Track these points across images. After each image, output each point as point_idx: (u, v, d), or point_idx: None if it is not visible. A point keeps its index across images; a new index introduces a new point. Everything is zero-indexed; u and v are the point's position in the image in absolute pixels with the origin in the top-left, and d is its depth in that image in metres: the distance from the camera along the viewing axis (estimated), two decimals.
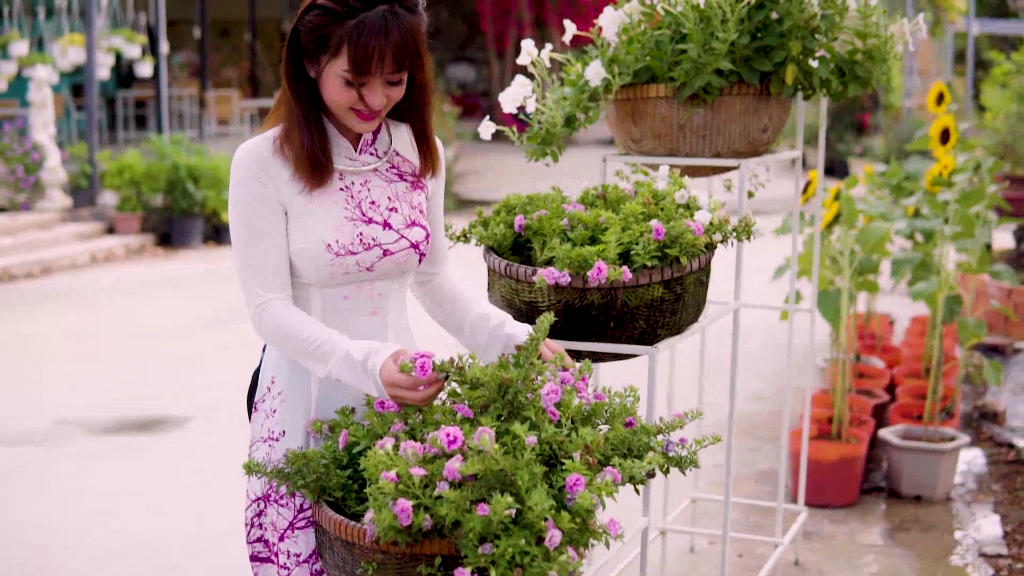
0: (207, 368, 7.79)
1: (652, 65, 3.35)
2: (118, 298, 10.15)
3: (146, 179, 12.83)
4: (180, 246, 12.90)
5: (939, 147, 5.97)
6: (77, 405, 6.87)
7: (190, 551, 4.76)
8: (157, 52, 15.51)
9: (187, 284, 10.80)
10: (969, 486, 5.51)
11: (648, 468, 2.19)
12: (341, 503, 2.30)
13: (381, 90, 2.37)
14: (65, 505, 5.28)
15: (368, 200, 2.48)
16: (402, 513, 1.99)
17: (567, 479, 2.08)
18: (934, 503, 5.28)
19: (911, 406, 5.86)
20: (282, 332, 2.43)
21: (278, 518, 2.52)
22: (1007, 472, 5.69)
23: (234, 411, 6.63)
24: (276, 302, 2.44)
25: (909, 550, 4.75)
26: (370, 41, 2.30)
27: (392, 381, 2.30)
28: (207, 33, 19.08)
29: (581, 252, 2.69)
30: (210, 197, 12.91)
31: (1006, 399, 6.78)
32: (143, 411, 6.74)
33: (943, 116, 5.98)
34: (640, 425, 2.30)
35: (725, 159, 3.44)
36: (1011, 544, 4.76)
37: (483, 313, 2.62)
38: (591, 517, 2.10)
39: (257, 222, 2.43)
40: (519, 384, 2.23)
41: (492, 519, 1.97)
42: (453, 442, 2.07)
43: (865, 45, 3.48)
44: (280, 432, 2.53)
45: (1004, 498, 5.33)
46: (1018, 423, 6.37)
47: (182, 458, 5.98)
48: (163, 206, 13.02)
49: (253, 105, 20.10)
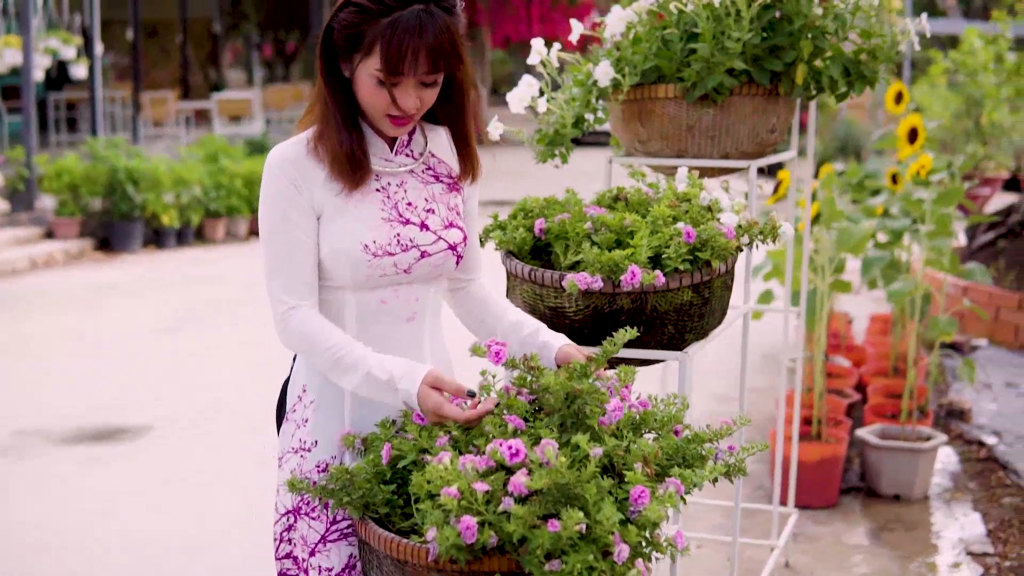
0: (163, 376, 7.63)
1: (660, 65, 3.29)
2: (62, 304, 9.92)
3: (85, 182, 12.58)
4: (120, 250, 12.65)
5: (907, 146, 6.00)
6: (35, 415, 6.69)
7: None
8: (92, 53, 15.24)
9: (131, 290, 10.59)
10: (945, 484, 5.52)
11: (711, 478, 2.13)
12: (386, 519, 2.22)
13: (414, 92, 2.29)
14: (54, 509, 5.13)
15: (405, 201, 2.41)
16: (467, 531, 1.92)
17: (632, 492, 2.02)
18: (913, 502, 5.28)
19: (884, 405, 5.87)
20: (307, 339, 2.37)
21: (309, 532, 2.44)
22: (981, 470, 5.71)
23: (193, 419, 6.52)
24: (302, 308, 2.38)
25: (896, 550, 4.75)
26: (403, 40, 2.22)
27: (439, 412, 2.25)
28: (140, 34, 18.77)
29: (612, 256, 2.63)
30: (150, 200, 12.68)
31: (970, 396, 6.82)
32: (105, 420, 6.57)
33: (910, 115, 6.01)
34: (693, 433, 2.25)
35: (733, 160, 3.40)
36: (996, 542, 4.78)
37: (516, 321, 2.54)
38: (655, 530, 2.04)
39: (287, 226, 2.36)
40: (587, 396, 2.17)
41: (562, 535, 1.91)
42: (516, 455, 2.00)
43: (869, 44, 3.45)
44: (312, 442, 2.45)
45: (982, 496, 5.35)
46: (985, 420, 6.41)
47: (147, 467, 5.83)
48: (102, 210, 12.76)
49: (189, 107, 19.81)
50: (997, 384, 7.09)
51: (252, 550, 4.59)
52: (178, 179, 12.99)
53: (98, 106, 15.21)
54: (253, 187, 13.82)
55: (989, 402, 6.74)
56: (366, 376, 2.31)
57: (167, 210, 12.85)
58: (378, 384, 2.31)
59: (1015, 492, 5.33)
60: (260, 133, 16.88)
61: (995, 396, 6.85)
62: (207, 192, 13.37)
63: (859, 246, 5.40)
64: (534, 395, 2.28)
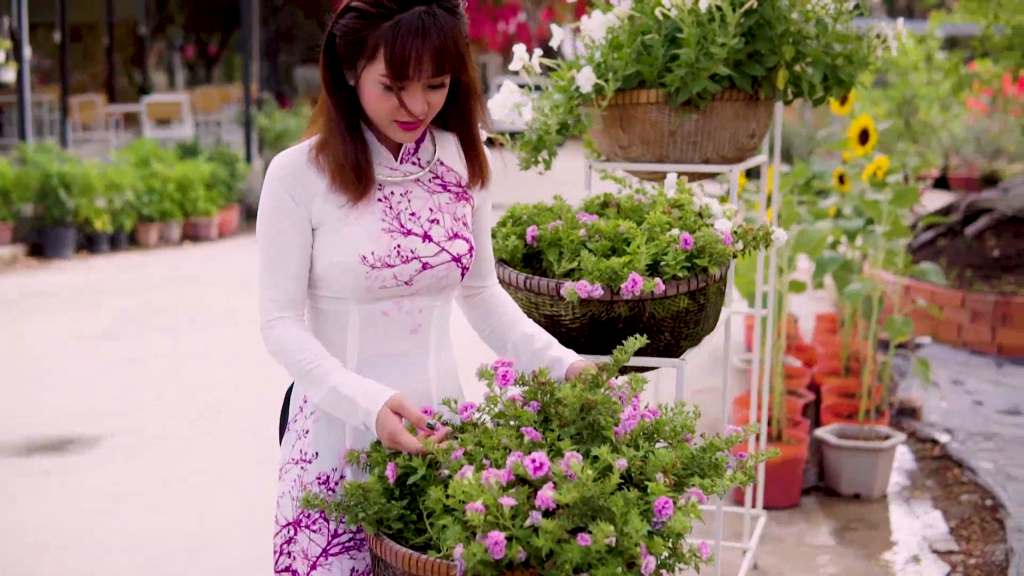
0: (112, 385, 7.50)
1: (642, 70, 3.28)
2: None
3: (16, 188, 12.34)
4: (53, 256, 12.43)
5: (858, 147, 6.05)
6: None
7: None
8: (20, 57, 14.96)
9: (69, 297, 10.39)
10: (903, 483, 5.58)
11: (731, 486, 2.12)
12: (399, 535, 2.18)
13: (422, 95, 2.25)
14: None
15: (408, 211, 2.37)
16: (495, 546, 1.89)
17: (655, 503, 2.01)
18: (873, 501, 5.33)
19: (840, 405, 5.92)
20: (283, 350, 2.35)
21: (310, 545, 2.40)
22: (936, 468, 5.78)
23: (140, 428, 6.42)
24: (284, 321, 2.36)
25: (861, 549, 4.78)
26: (407, 43, 2.18)
27: (394, 438, 2.22)
28: (67, 37, 18.46)
29: (610, 264, 2.61)
30: (83, 205, 12.48)
31: (919, 394, 6.90)
32: (55, 430, 6.44)
33: (861, 117, 6.06)
34: (709, 442, 2.24)
35: (714, 165, 3.40)
36: (959, 539, 4.83)
37: (528, 333, 2.51)
38: (679, 541, 2.03)
39: (281, 239, 2.34)
40: (601, 406, 2.15)
41: (592, 548, 1.88)
42: (539, 468, 1.97)
43: (845, 49, 3.47)
44: (313, 454, 2.41)
45: (940, 494, 5.41)
46: (936, 418, 6.48)
47: (97, 479, 5.73)
48: (34, 215, 12.54)
49: (118, 110, 19.53)
50: (944, 382, 7.18)
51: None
52: (110, 184, 12.81)
53: (27, 110, 14.93)
54: (186, 191, 13.67)
55: (938, 400, 6.82)
56: (331, 391, 2.29)
57: (100, 215, 12.66)
58: (341, 400, 2.28)
59: (973, 489, 5.40)
60: (191, 137, 16.68)
61: (943, 394, 6.93)
62: (140, 196, 13.20)
63: (818, 247, 5.44)
64: (542, 406, 2.26)
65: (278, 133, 16.44)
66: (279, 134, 16.42)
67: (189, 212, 13.80)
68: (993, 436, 6.08)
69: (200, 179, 13.84)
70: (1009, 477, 5.45)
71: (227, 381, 7.47)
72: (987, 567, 4.51)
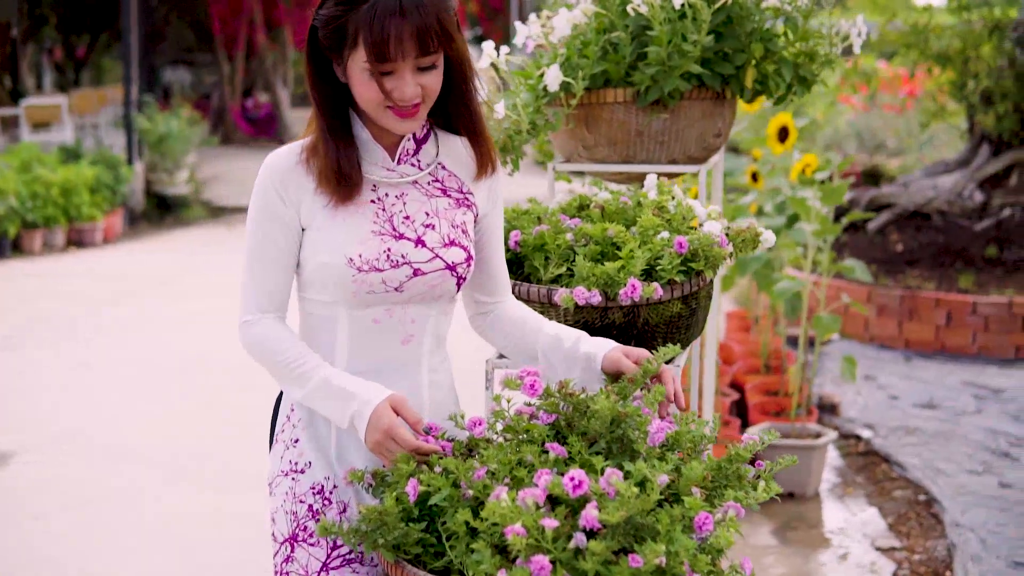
0: (19, 399, 7.20)
1: (608, 69, 3.21)
2: None
3: None
4: None
5: (777, 145, 6.05)
6: None
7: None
8: None
9: None
10: (834, 480, 5.60)
11: (765, 498, 2.06)
12: (417, 560, 2.07)
13: (412, 78, 2.14)
14: None
15: (402, 214, 2.26)
16: (541, 571, 1.79)
17: (696, 519, 1.93)
18: (808, 499, 5.34)
19: (767, 403, 5.93)
20: (262, 348, 2.27)
21: (310, 560, 2.30)
22: (864, 464, 5.81)
23: (63, 441, 6.17)
24: (264, 321, 2.28)
25: (805, 548, 4.78)
26: (385, 23, 2.08)
27: (391, 432, 2.13)
28: None
29: (605, 269, 2.53)
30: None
31: (834, 390, 6.95)
32: None
33: (780, 114, 6.07)
34: (734, 451, 2.16)
35: (681, 165, 3.33)
36: (899, 536, 4.85)
37: (555, 335, 2.38)
38: (719, 557, 1.95)
39: (265, 241, 2.25)
40: (630, 419, 2.06)
41: (644, 571, 1.80)
42: (578, 487, 1.87)
43: (808, 47, 3.43)
44: (305, 463, 2.31)
45: (872, 490, 5.44)
46: (855, 413, 6.53)
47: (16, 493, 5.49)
48: None
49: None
50: (857, 378, 7.24)
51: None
52: None
53: None
54: (70, 196, 13.23)
55: (854, 396, 6.88)
56: (322, 382, 2.20)
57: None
58: (333, 392, 2.19)
59: (904, 485, 5.44)
60: (71, 140, 16.19)
61: (858, 390, 6.99)
62: (23, 202, 12.75)
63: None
64: (562, 417, 2.17)
65: (160, 135, 16.05)
66: (161, 136, 16.04)
67: (74, 217, 13.37)
68: (914, 431, 6.14)
69: (84, 183, 13.41)
70: (938, 471, 5.50)
71: (102, 399, 7.23)
72: (932, 563, 4.54)
